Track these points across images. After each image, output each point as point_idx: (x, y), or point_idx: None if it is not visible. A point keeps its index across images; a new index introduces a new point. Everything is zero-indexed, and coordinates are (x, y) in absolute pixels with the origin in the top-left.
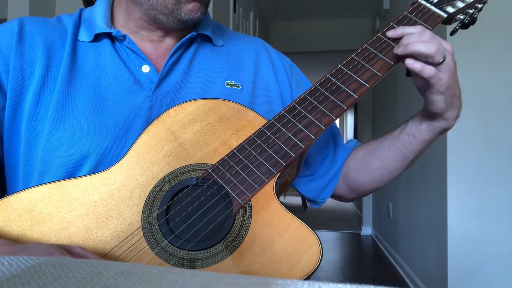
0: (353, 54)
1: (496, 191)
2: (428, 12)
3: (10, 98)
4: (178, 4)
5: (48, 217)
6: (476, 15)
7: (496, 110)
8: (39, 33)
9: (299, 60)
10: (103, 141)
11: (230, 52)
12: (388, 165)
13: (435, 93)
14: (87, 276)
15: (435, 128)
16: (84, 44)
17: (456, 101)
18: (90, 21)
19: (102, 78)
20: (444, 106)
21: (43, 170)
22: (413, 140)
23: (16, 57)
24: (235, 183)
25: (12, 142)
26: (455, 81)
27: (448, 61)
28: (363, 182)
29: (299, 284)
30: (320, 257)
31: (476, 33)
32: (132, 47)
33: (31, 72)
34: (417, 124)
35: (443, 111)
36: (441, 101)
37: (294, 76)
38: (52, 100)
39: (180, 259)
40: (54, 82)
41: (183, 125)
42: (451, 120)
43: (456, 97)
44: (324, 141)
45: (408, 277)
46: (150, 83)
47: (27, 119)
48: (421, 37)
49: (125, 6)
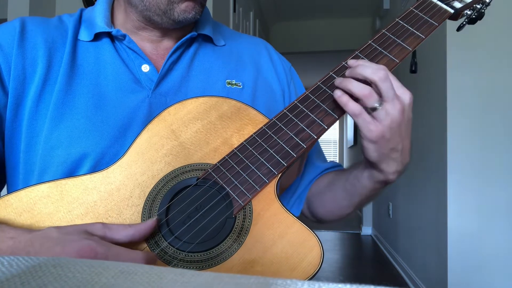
0: (357, 51)
1: (496, 190)
2: (435, 7)
3: (12, 97)
4: (171, 4)
5: (48, 217)
6: (484, 10)
7: (496, 110)
8: (40, 32)
9: (299, 60)
10: (103, 140)
11: (231, 52)
12: (337, 201)
13: (365, 139)
14: (87, 276)
15: (374, 177)
16: (85, 44)
17: (395, 155)
18: (91, 21)
19: (102, 77)
20: (377, 156)
21: (42, 168)
22: (356, 183)
23: (18, 57)
24: (235, 183)
25: (13, 140)
26: (398, 134)
27: (390, 109)
28: (319, 211)
29: (299, 284)
30: (321, 260)
31: (476, 33)
32: (132, 47)
33: (32, 72)
34: (362, 168)
35: (376, 161)
36: (373, 150)
37: (292, 82)
38: (52, 99)
39: (180, 260)
40: (55, 81)
41: (184, 124)
42: (389, 174)
43: (396, 151)
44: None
45: (408, 277)
46: (150, 83)
47: (28, 117)
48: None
49: (124, 7)
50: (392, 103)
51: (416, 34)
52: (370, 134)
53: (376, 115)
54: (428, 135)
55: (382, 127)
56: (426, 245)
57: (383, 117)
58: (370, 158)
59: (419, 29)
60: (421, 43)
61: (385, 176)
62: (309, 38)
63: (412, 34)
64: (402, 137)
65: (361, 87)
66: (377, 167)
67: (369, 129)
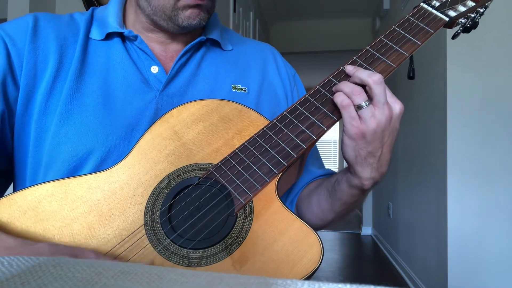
0: (356, 57)
1: (496, 191)
2: (430, 15)
3: (23, 92)
4: (175, 10)
5: (52, 215)
6: (478, 19)
7: (496, 110)
8: (52, 29)
9: (299, 60)
10: (109, 139)
11: (238, 57)
12: (321, 204)
13: (346, 133)
14: (87, 276)
15: (349, 181)
16: (96, 42)
17: (372, 160)
18: (103, 20)
19: (112, 76)
20: (353, 156)
21: (48, 164)
22: (336, 187)
23: (30, 52)
24: (237, 182)
25: (23, 134)
26: (379, 139)
27: (376, 113)
28: (305, 213)
29: (299, 284)
30: (321, 257)
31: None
32: (142, 47)
33: (44, 68)
34: (343, 173)
35: (352, 162)
36: (351, 148)
37: (296, 88)
38: (62, 95)
39: (182, 257)
40: (65, 78)
41: (186, 125)
42: (363, 179)
43: (373, 156)
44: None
45: (408, 277)
46: (158, 84)
47: (37, 113)
48: (368, 78)
49: (134, 8)
50: (381, 108)
51: (413, 41)
52: (352, 129)
53: (362, 113)
54: (428, 135)
55: (365, 127)
56: (426, 245)
57: (368, 117)
58: (347, 155)
59: (415, 36)
60: (417, 49)
61: (359, 181)
62: (309, 38)
63: (409, 41)
64: (383, 144)
65: (352, 86)
66: (353, 169)
67: (352, 124)
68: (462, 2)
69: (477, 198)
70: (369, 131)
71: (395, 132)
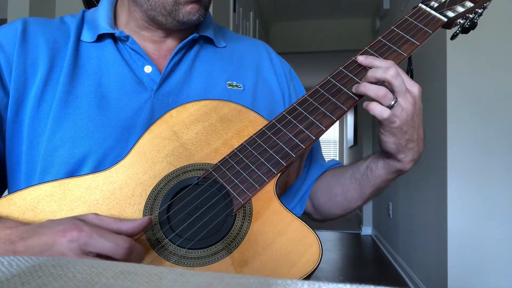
0: (354, 57)
1: (496, 191)
2: (429, 16)
3: (13, 98)
4: (177, 5)
5: (51, 215)
6: (477, 20)
7: (496, 111)
8: (42, 33)
9: (299, 60)
10: (105, 141)
11: (232, 54)
12: (347, 193)
13: (385, 133)
14: (87, 276)
15: (390, 167)
16: (87, 45)
17: (412, 145)
18: (94, 22)
19: (105, 78)
20: (395, 148)
21: (44, 168)
22: (370, 173)
23: (19, 57)
24: (236, 182)
25: (14, 140)
26: (412, 125)
27: (403, 104)
28: (326, 206)
29: (299, 284)
30: (320, 257)
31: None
32: (135, 48)
33: (33, 72)
34: (376, 159)
35: (394, 153)
36: (391, 142)
37: (292, 83)
38: (54, 99)
39: (181, 257)
40: (57, 82)
41: (185, 125)
42: (406, 163)
43: (412, 141)
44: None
45: (408, 277)
46: (152, 84)
47: (29, 118)
48: (385, 74)
49: (127, 7)
50: (404, 97)
51: (411, 41)
52: (392, 129)
53: (394, 112)
54: (428, 135)
55: (400, 121)
56: (426, 245)
57: (399, 113)
58: (388, 149)
59: (414, 36)
60: (416, 50)
61: (402, 165)
62: (309, 38)
63: (407, 41)
64: (416, 128)
65: (376, 89)
66: (395, 157)
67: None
68: (460, 3)
69: (477, 198)
70: (404, 123)
71: (421, 112)
